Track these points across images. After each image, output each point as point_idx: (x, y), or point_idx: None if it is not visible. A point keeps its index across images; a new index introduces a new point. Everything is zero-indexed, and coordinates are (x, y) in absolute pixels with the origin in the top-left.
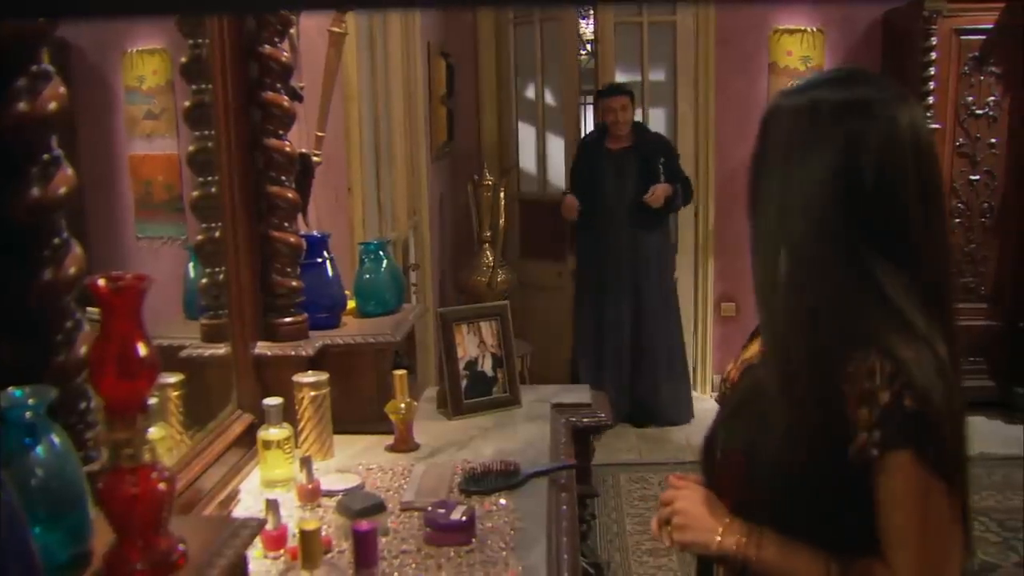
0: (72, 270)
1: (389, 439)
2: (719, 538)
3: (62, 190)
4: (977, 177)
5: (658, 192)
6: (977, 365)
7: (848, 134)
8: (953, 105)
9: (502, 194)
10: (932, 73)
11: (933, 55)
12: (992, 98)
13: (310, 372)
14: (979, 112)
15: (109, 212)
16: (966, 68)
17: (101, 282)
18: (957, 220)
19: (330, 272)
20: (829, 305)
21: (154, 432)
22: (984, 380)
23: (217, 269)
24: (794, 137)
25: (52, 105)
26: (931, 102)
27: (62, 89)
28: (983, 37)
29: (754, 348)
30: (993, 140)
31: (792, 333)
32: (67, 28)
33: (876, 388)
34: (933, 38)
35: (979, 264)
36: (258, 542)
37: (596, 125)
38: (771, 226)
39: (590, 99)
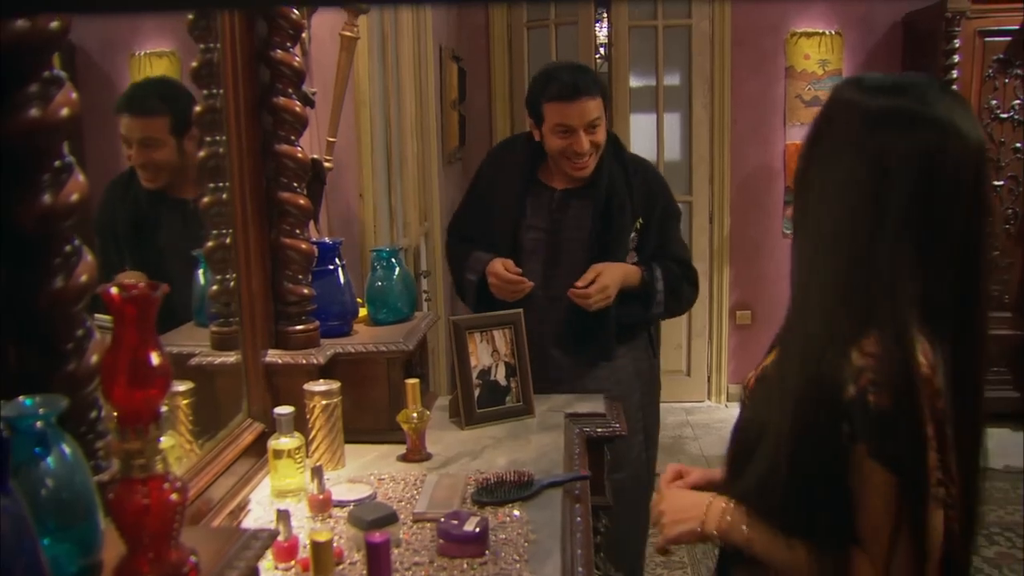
0: (83, 278)
1: (401, 449)
2: (704, 516)
3: (74, 197)
4: (1001, 182)
5: (603, 278)
6: (1000, 376)
7: (893, 141)
8: (976, 108)
9: None
10: (955, 76)
11: (956, 58)
12: (1017, 101)
13: (321, 381)
14: (1003, 116)
15: None
16: (990, 71)
17: (113, 290)
18: None
19: (342, 279)
20: (838, 292)
21: (164, 441)
22: (1008, 391)
23: (227, 276)
24: (846, 133)
25: (64, 111)
26: None
27: (74, 95)
28: (1008, 39)
29: (773, 356)
30: (1018, 144)
31: (804, 314)
32: (73, 30)
33: (845, 381)
34: (956, 40)
35: (1002, 272)
36: (269, 553)
37: (522, 137)
38: (808, 211)
39: None
